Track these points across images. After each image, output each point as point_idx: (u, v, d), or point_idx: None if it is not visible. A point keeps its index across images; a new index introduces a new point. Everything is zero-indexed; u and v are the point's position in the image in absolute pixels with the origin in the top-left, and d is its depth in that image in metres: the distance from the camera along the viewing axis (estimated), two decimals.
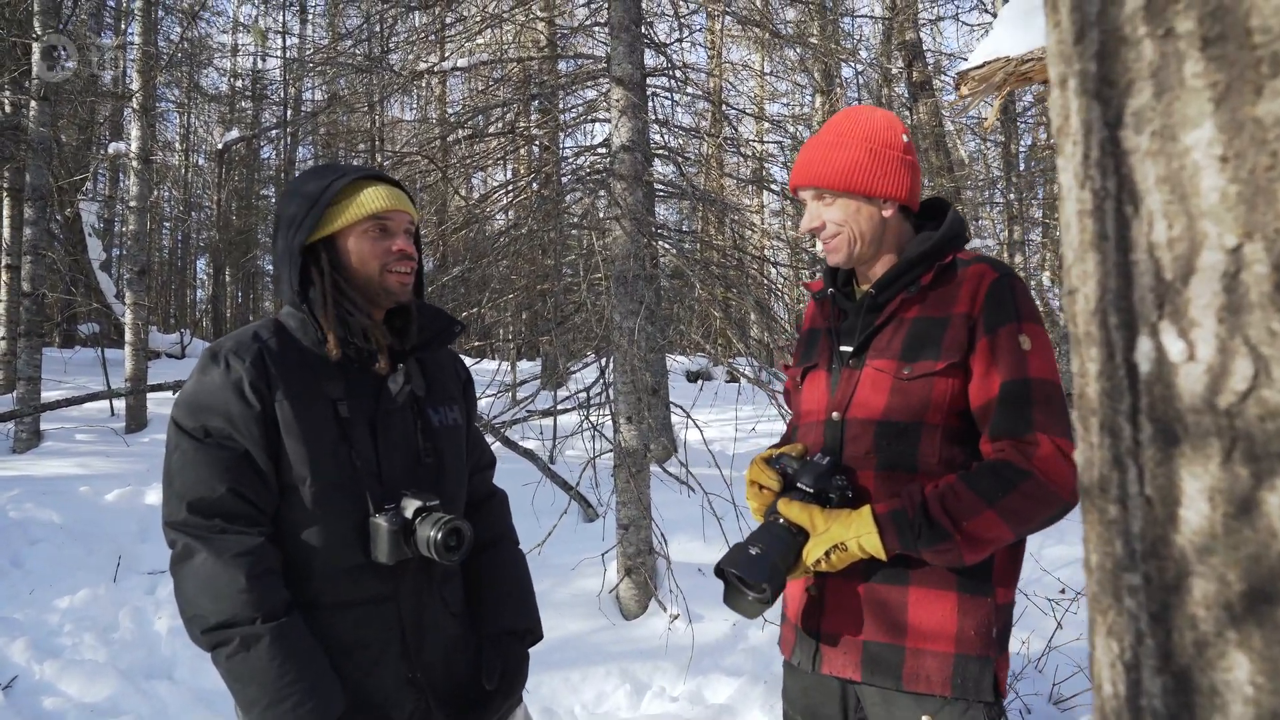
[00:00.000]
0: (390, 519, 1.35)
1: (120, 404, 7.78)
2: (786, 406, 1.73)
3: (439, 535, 1.33)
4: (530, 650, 1.60)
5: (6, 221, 8.61)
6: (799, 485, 1.43)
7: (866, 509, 1.36)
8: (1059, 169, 0.59)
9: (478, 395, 2.02)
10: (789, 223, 13.33)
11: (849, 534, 1.34)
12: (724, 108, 6.99)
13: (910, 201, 1.50)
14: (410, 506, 1.37)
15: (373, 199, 1.43)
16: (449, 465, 1.50)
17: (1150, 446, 0.48)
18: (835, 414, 1.47)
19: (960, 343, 1.38)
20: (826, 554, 1.35)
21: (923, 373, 1.39)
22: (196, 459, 1.33)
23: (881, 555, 1.33)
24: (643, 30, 4.43)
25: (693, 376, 12.00)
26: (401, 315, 1.51)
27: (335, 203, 1.43)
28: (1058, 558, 4.10)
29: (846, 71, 12.69)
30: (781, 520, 1.40)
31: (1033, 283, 13.84)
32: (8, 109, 8.26)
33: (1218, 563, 0.44)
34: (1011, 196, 12.29)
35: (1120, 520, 0.51)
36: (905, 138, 1.49)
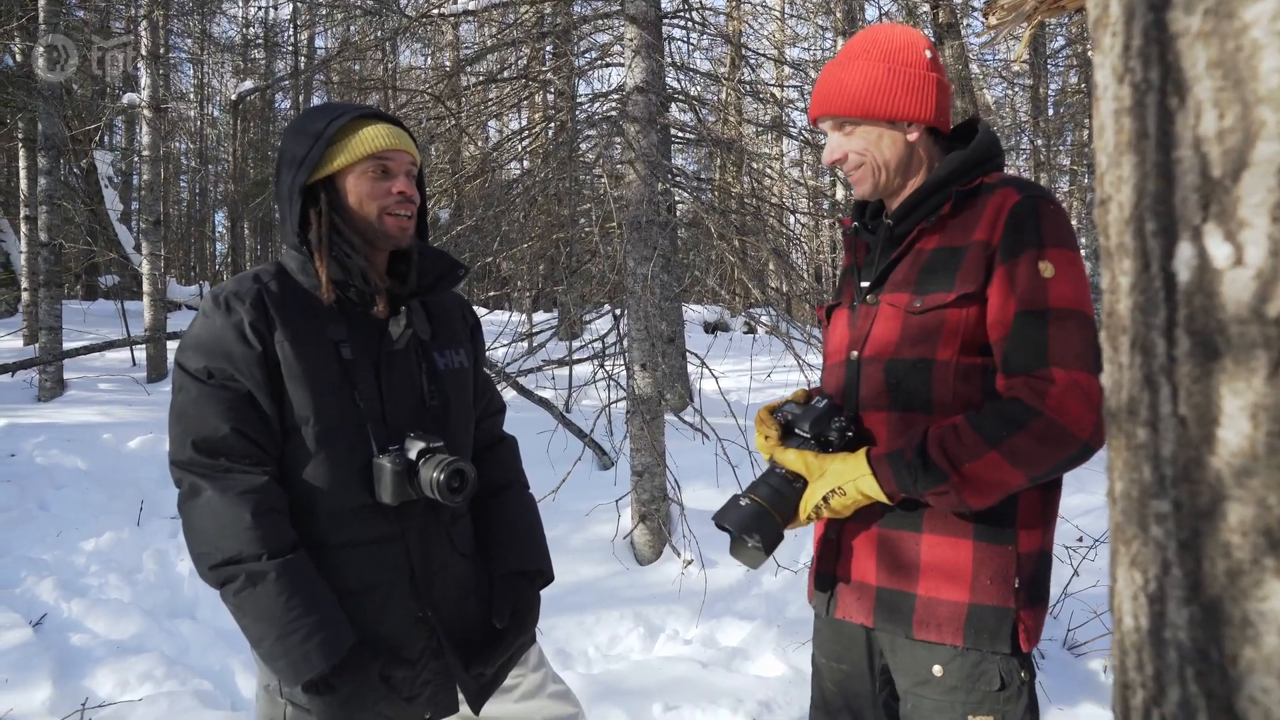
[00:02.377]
0: (394, 460, 1.34)
1: (141, 354, 7.85)
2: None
3: (441, 476, 1.33)
4: (544, 593, 1.60)
5: (23, 172, 8.61)
6: (796, 431, 1.38)
7: (862, 451, 1.30)
8: (1095, 67, 0.54)
9: (494, 344, 1.99)
10: (809, 170, 13.09)
11: (845, 478, 1.29)
12: (743, 51, 6.81)
13: (939, 123, 1.38)
14: (414, 448, 1.36)
15: (373, 138, 1.39)
16: (454, 408, 1.49)
17: (1186, 362, 0.44)
18: (854, 353, 1.40)
19: (976, 272, 1.27)
20: (825, 499, 1.30)
21: (933, 305, 1.30)
22: (200, 399, 1.32)
23: (882, 498, 1.27)
24: None
25: (710, 328, 11.94)
26: (405, 258, 1.48)
27: (335, 141, 1.39)
28: (1076, 506, 4.07)
29: (870, 12, 12.32)
30: (779, 469, 1.36)
31: None
32: (18, 57, 8.20)
33: (1258, 485, 0.41)
34: (1039, 143, 11.98)
35: (1150, 444, 0.47)
36: (928, 53, 1.36)
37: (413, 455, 1.35)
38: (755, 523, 1.31)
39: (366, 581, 1.38)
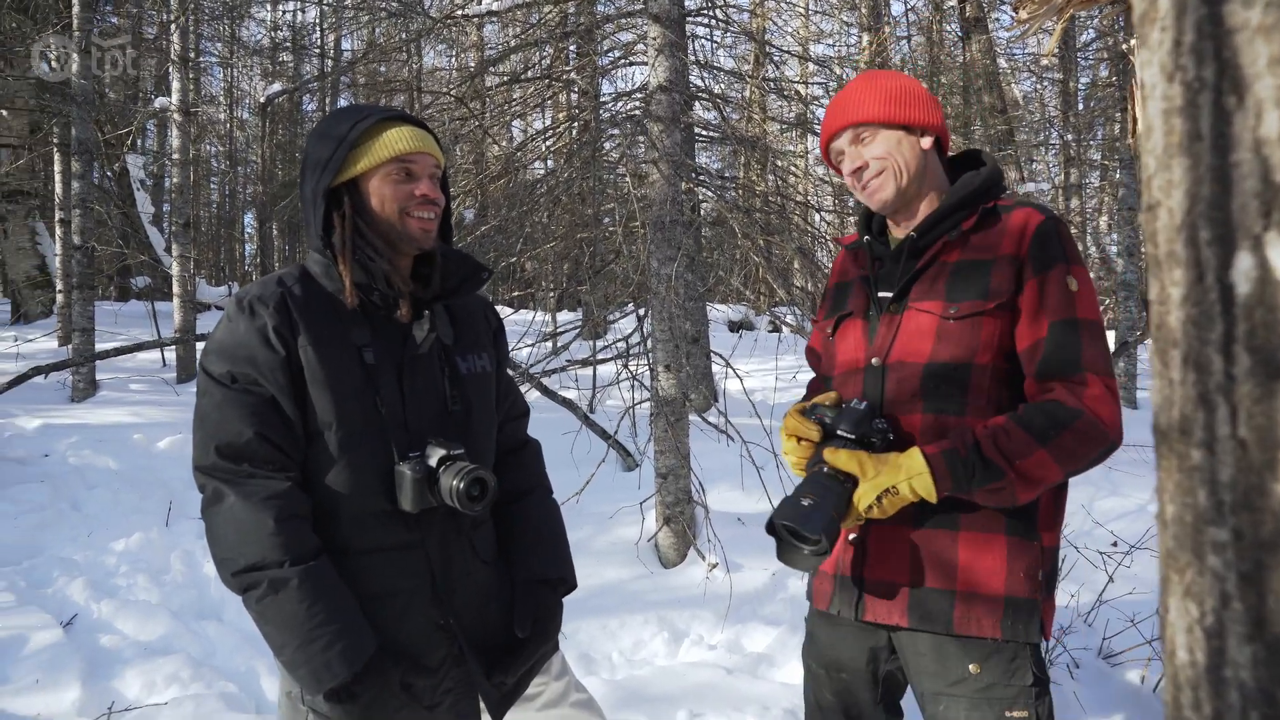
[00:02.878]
0: (414, 467, 1.33)
1: (171, 355, 7.96)
2: (808, 362, 1.71)
3: (461, 485, 1.32)
4: (567, 598, 1.58)
5: (58, 176, 8.77)
6: (840, 433, 1.40)
7: (915, 450, 1.34)
8: (1140, 66, 0.51)
9: (518, 345, 1.98)
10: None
11: (899, 477, 1.32)
12: (767, 48, 6.76)
13: (944, 136, 1.51)
14: (435, 455, 1.35)
15: (396, 140, 1.39)
16: (477, 413, 1.48)
17: (1247, 381, 0.41)
18: (875, 360, 1.45)
19: (1008, 284, 1.37)
20: (878, 499, 1.33)
21: (970, 312, 1.38)
22: (224, 404, 1.32)
23: (933, 497, 1.32)
24: None
25: (734, 326, 11.88)
26: (428, 262, 1.47)
27: (358, 145, 1.39)
28: (1110, 510, 3.99)
29: (896, 8, 12.19)
30: (827, 469, 1.37)
31: (1090, 227, 13.34)
32: (54, 64, 8.35)
33: None
34: (1069, 138, 11.77)
35: (1206, 467, 0.44)
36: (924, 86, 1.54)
37: (433, 462, 1.35)
38: (824, 523, 1.31)
39: (387, 588, 1.37)
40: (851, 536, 1.47)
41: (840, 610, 1.48)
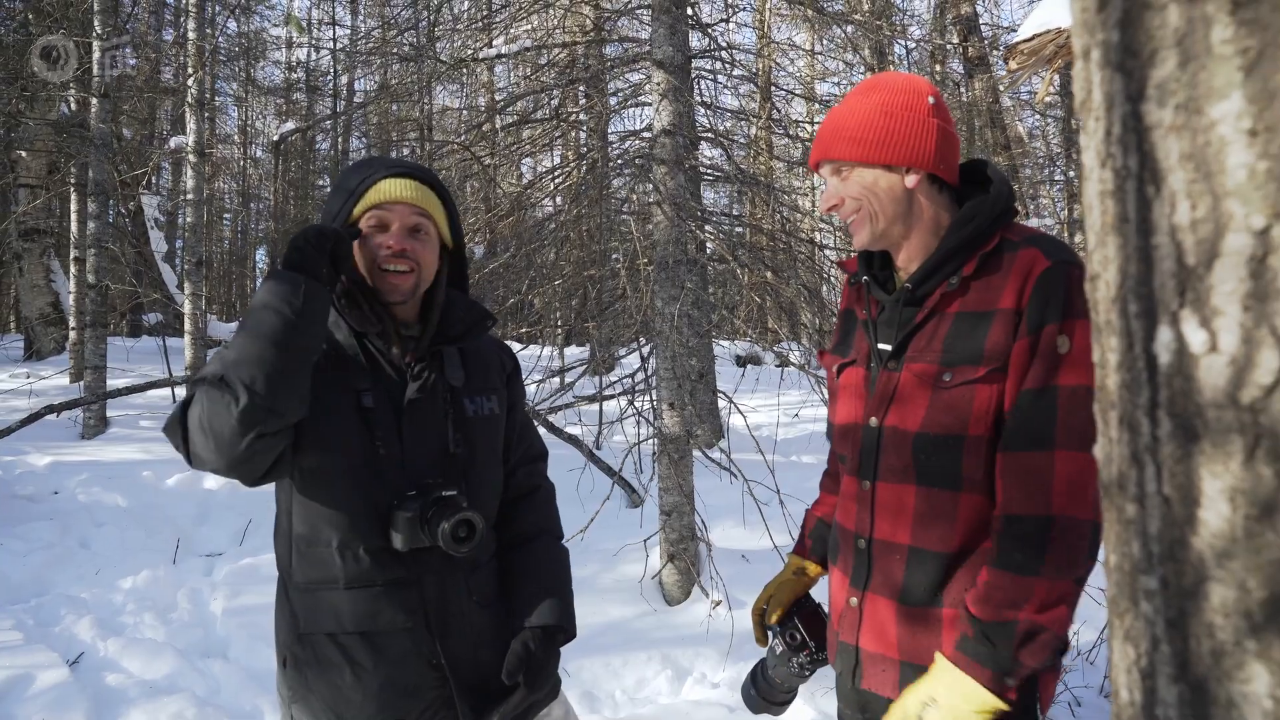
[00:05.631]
0: (408, 507, 1.35)
1: (182, 392, 8.03)
2: (827, 394, 1.64)
3: (448, 526, 1.33)
4: (571, 641, 1.56)
5: (73, 215, 8.93)
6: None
7: (938, 659, 1.22)
8: (1082, 147, 0.56)
9: (525, 380, 1.98)
10: None
11: (922, 694, 1.20)
12: (773, 89, 6.88)
13: (941, 171, 1.32)
14: (429, 495, 1.37)
15: (379, 190, 1.40)
16: (480, 456, 1.49)
17: (1169, 443, 0.45)
18: (873, 420, 1.36)
19: (1004, 342, 1.22)
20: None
21: (963, 380, 1.25)
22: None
23: (997, 701, 1.17)
24: (688, 11, 4.37)
25: (742, 361, 11.92)
26: (432, 306, 1.49)
27: (362, 197, 1.42)
28: None
29: (899, 49, 12.38)
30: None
31: None
32: (74, 105, 8.55)
33: (1237, 568, 0.41)
34: (1072, 174, 11.88)
35: (1138, 520, 0.48)
36: (931, 99, 1.32)
37: (427, 503, 1.36)
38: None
39: (380, 623, 1.38)
40: (853, 601, 1.40)
41: (841, 672, 1.44)
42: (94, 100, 6.81)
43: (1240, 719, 0.41)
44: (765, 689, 1.58)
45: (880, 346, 1.37)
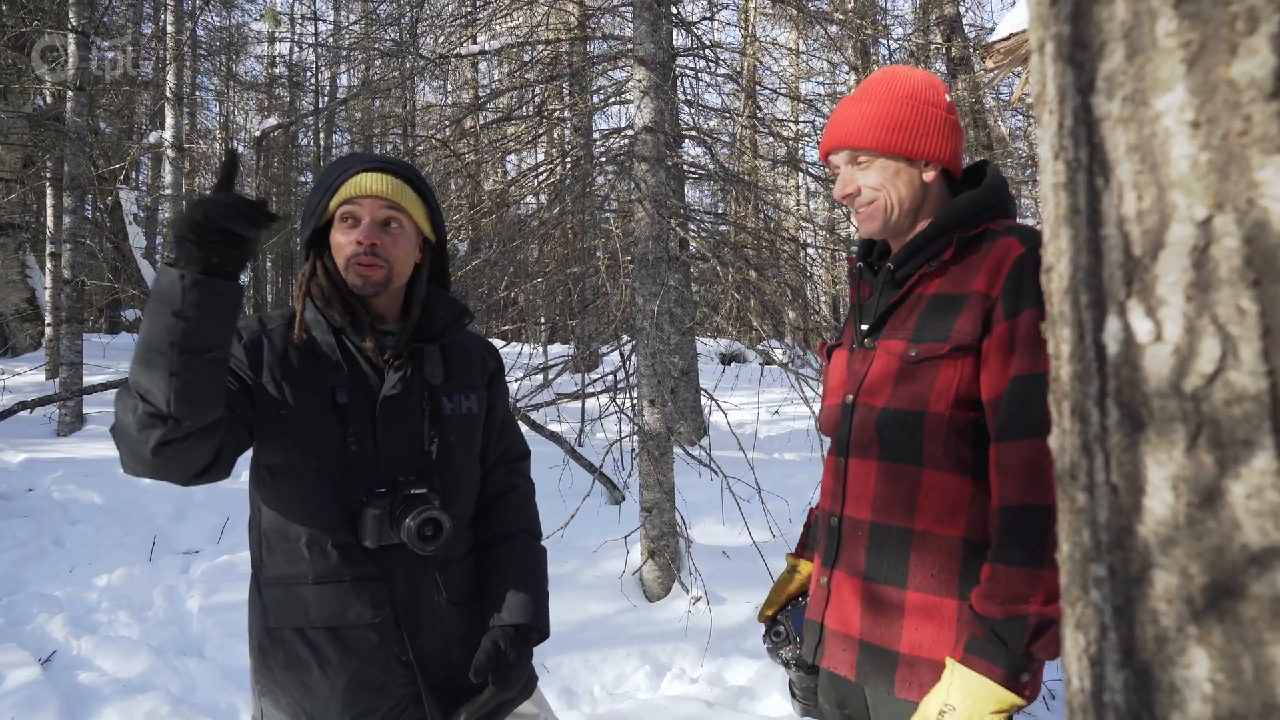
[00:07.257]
0: (377, 504, 1.35)
1: None
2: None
3: (414, 524, 1.32)
4: (544, 640, 1.54)
5: (50, 210, 8.82)
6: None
7: (948, 663, 1.19)
8: (1038, 140, 0.56)
9: (508, 377, 1.96)
10: (824, 203, 13.15)
11: (938, 701, 1.18)
12: (757, 87, 6.89)
13: (953, 166, 1.36)
14: (399, 493, 1.36)
15: (352, 185, 1.39)
16: (456, 454, 1.48)
17: (1117, 432, 0.46)
18: (849, 397, 1.38)
19: (974, 324, 1.22)
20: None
21: (927, 355, 1.26)
22: None
23: (1014, 697, 1.15)
24: (671, 9, 4.37)
25: (726, 359, 11.95)
26: (413, 303, 1.48)
27: (337, 192, 1.41)
28: None
29: (883, 49, 12.44)
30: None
31: None
32: (48, 99, 8.44)
33: (1180, 555, 0.42)
34: None
35: (1088, 509, 0.49)
36: (948, 97, 1.36)
37: (396, 500, 1.35)
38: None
39: (348, 619, 1.37)
40: (823, 580, 1.40)
41: (806, 652, 1.44)
42: (69, 93, 6.72)
43: (1182, 703, 0.42)
44: (796, 695, 1.55)
45: (861, 326, 1.41)
